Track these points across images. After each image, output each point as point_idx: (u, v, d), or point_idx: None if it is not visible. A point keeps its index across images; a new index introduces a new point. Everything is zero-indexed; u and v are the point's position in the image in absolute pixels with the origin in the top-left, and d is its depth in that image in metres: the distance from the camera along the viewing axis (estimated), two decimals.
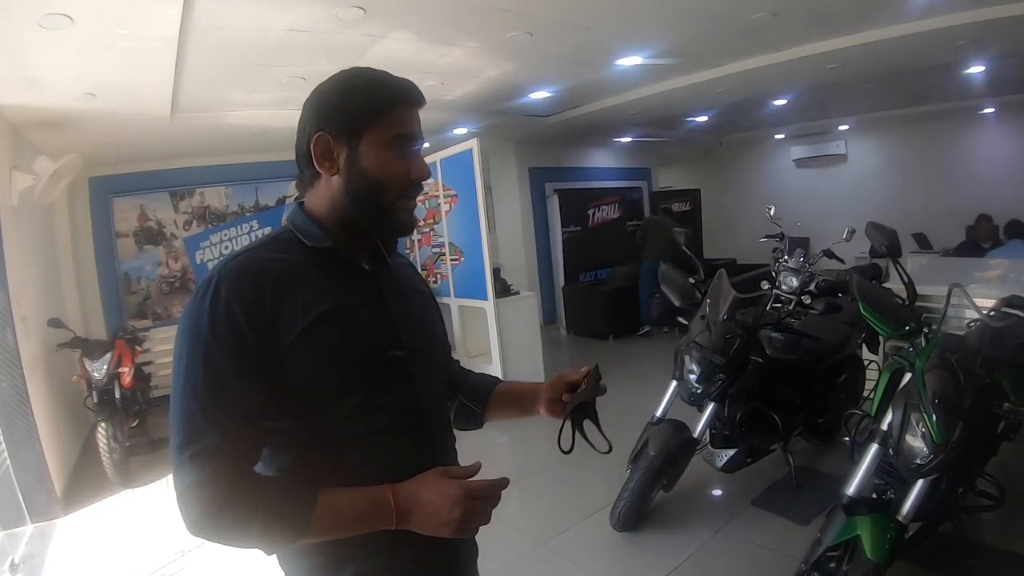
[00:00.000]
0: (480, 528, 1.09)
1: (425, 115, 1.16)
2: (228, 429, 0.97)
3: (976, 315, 2.54)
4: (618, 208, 9.64)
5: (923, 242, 8.50)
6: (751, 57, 5.31)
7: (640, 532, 3.41)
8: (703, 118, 8.54)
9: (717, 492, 3.81)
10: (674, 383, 3.39)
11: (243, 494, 0.97)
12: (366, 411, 1.09)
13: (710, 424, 3.38)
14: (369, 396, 1.09)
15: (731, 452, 3.47)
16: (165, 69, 3.78)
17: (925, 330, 2.60)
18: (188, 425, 0.96)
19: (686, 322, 3.42)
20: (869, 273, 4.05)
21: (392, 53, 4.03)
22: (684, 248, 3.68)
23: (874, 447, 2.52)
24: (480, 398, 1.42)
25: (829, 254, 4.00)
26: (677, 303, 3.56)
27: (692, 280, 3.55)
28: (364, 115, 1.09)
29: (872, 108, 8.81)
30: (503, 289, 5.80)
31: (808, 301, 3.52)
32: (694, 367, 3.15)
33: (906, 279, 2.80)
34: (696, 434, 3.32)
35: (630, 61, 5.11)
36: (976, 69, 6.15)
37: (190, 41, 3.47)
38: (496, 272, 5.69)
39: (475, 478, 1.08)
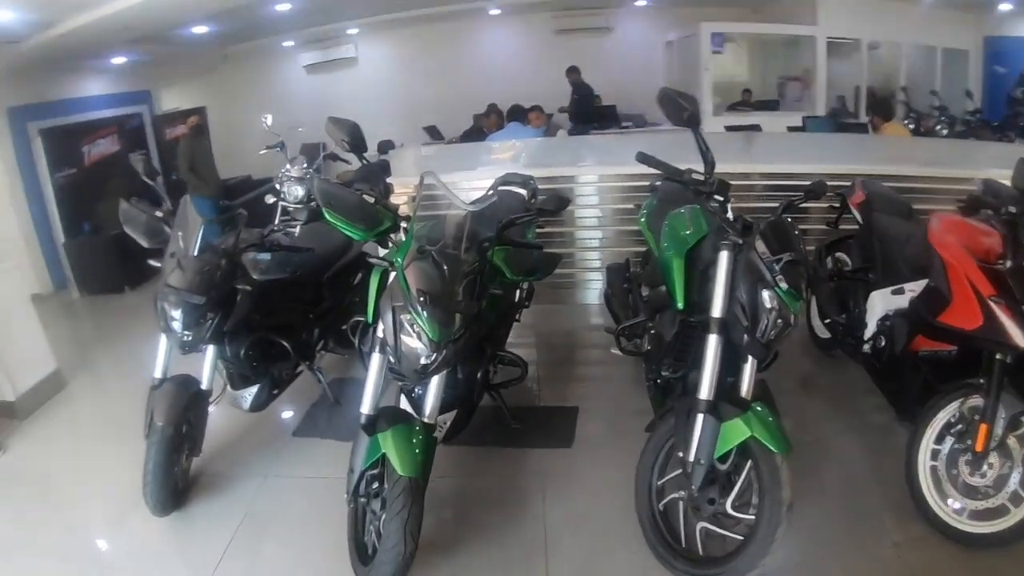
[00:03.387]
0: None
1: None
2: None
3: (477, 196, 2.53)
4: (117, 140, 8.27)
5: (435, 133, 9.25)
6: None
7: (186, 507, 2.91)
8: (203, 28, 7.83)
9: (255, 435, 3.44)
10: (164, 336, 2.86)
11: None
12: None
13: (221, 368, 3.00)
14: None
15: (253, 389, 3.15)
16: None
17: (404, 226, 2.43)
18: None
19: (159, 264, 2.85)
20: (381, 168, 3.97)
21: None
22: (145, 178, 3.04)
23: (376, 356, 2.37)
24: None
25: (333, 157, 3.84)
26: (146, 245, 2.94)
27: (160, 214, 2.95)
28: None
29: (380, 11, 9.05)
30: None
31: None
32: (175, 314, 2.63)
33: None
34: (204, 385, 2.87)
35: None
36: None
37: None
38: None
39: None
